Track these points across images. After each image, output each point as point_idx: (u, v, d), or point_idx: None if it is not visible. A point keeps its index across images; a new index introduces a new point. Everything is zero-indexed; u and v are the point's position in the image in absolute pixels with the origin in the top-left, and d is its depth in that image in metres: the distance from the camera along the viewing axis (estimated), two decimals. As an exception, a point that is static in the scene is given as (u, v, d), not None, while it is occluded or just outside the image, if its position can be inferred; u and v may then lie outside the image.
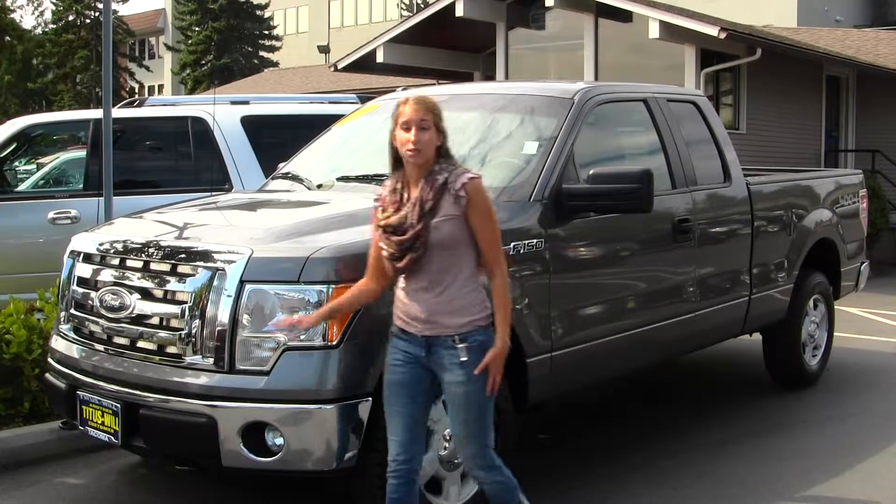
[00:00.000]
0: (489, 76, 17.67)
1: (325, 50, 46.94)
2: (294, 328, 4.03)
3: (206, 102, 8.75)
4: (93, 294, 4.74)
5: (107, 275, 4.71)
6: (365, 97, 8.93)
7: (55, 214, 7.98)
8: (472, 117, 5.80)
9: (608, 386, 6.73)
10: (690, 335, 6.24)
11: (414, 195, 3.75)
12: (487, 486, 3.92)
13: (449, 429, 4.37)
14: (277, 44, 54.04)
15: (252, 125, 8.62)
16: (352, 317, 4.10)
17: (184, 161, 8.58)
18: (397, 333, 3.89)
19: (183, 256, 4.44)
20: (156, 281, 4.50)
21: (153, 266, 4.52)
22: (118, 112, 8.28)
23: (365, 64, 18.08)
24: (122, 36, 54.47)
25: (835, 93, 18.44)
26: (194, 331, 4.27)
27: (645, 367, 6.41)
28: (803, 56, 16.34)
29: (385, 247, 3.76)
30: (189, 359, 4.30)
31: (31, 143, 9.59)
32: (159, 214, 5.36)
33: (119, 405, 4.45)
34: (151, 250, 4.58)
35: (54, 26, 56.25)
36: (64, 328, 5.01)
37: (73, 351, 4.86)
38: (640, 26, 14.69)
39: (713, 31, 13.66)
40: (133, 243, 4.73)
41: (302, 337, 4.12)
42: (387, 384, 3.90)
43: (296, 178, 5.98)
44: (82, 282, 4.87)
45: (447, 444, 4.41)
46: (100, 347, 4.70)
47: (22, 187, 9.77)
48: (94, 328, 4.73)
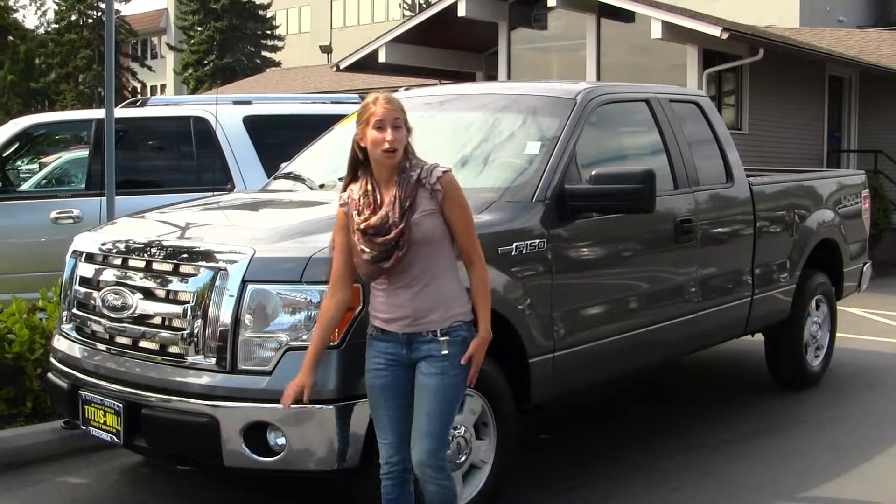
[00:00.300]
0: (491, 76, 17.66)
1: (328, 50, 46.99)
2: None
3: (209, 102, 8.74)
4: (95, 294, 4.74)
5: (109, 274, 4.71)
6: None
7: (57, 214, 7.98)
8: (475, 117, 5.81)
9: (609, 386, 6.73)
10: (693, 336, 6.24)
11: (390, 194, 3.74)
12: (433, 488, 3.81)
13: (451, 429, 4.38)
14: (280, 44, 54.09)
15: (254, 125, 8.62)
16: (353, 317, 4.09)
17: (186, 161, 8.59)
18: (376, 335, 3.86)
19: (185, 256, 4.44)
20: (158, 281, 4.50)
21: (155, 266, 4.52)
22: (120, 112, 8.28)
23: (367, 64, 18.08)
24: (125, 36, 54.57)
25: (837, 93, 18.43)
26: (196, 331, 4.27)
27: (647, 368, 6.41)
28: (806, 56, 16.33)
29: (367, 249, 3.73)
30: (191, 359, 4.30)
31: (34, 143, 9.60)
32: (161, 214, 5.36)
33: (121, 405, 4.45)
34: (154, 250, 4.58)
35: (57, 26, 56.35)
36: (66, 328, 5.01)
37: (76, 350, 4.87)
38: (643, 26, 14.69)
39: (715, 32, 13.65)
40: (135, 243, 4.73)
41: (304, 337, 4.12)
42: (370, 388, 3.89)
43: (298, 178, 5.98)
44: (84, 281, 4.88)
45: (449, 445, 4.40)
46: (102, 347, 4.71)
47: (24, 187, 9.78)
48: (97, 328, 4.73)
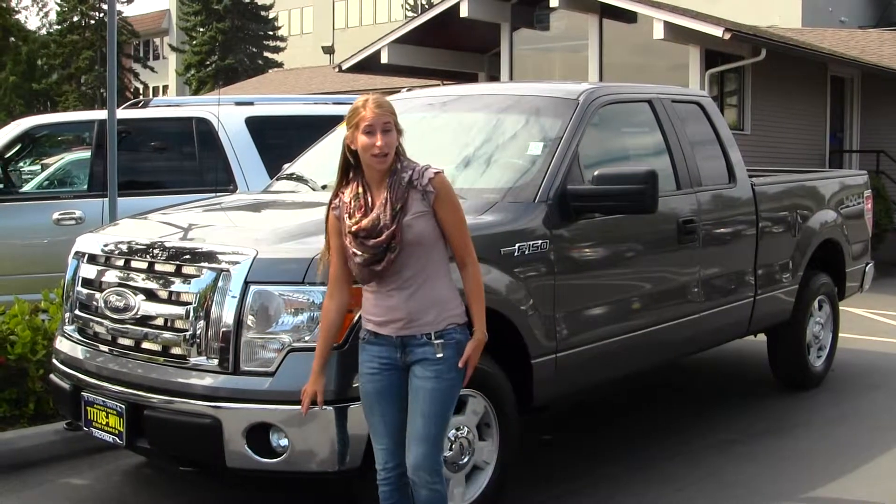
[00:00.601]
0: (494, 77, 17.66)
1: (330, 51, 46.95)
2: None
3: (211, 103, 8.75)
4: (97, 295, 4.74)
5: (111, 276, 4.72)
6: (369, 98, 8.91)
7: (60, 215, 7.98)
8: (477, 118, 5.81)
9: (610, 386, 6.72)
10: (695, 336, 6.24)
11: (381, 196, 3.72)
12: (426, 492, 3.78)
13: (453, 430, 4.38)
14: (282, 44, 54.10)
15: (256, 126, 8.62)
16: (356, 318, 4.09)
17: (188, 162, 8.58)
18: (369, 339, 3.84)
19: (187, 257, 4.45)
20: (160, 282, 4.51)
21: (158, 267, 4.53)
22: (123, 113, 8.29)
23: (369, 65, 18.09)
24: (127, 37, 54.58)
25: (839, 93, 18.41)
26: (199, 332, 4.28)
27: (650, 368, 6.41)
28: (808, 57, 16.33)
29: (359, 252, 3.71)
30: (194, 360, 4.30)
31: (36, 144, 9.61)
32: (164, 215, 5.36)
33: (123, 406, 4.45)
34: (156, 251, 4.58)
35: (59, 27, 56.40)
36: (68, 329, 5.02)
37: (78, 352, 4.87)
38: (645, 27, 14.68)
39: (717, 32, 13.65)
40: (138, 244, 4.73)
41: (307, 338, 4.12)
42: (364, 394, 3.87)
43: (300, 179, 5.98)
44: (87, 283, 4.88)
45: (452, 446, 4.41)
46: (104, 348, 4.71)
47: (27, 188, 9.80)
48: (99, 329, 4.74)
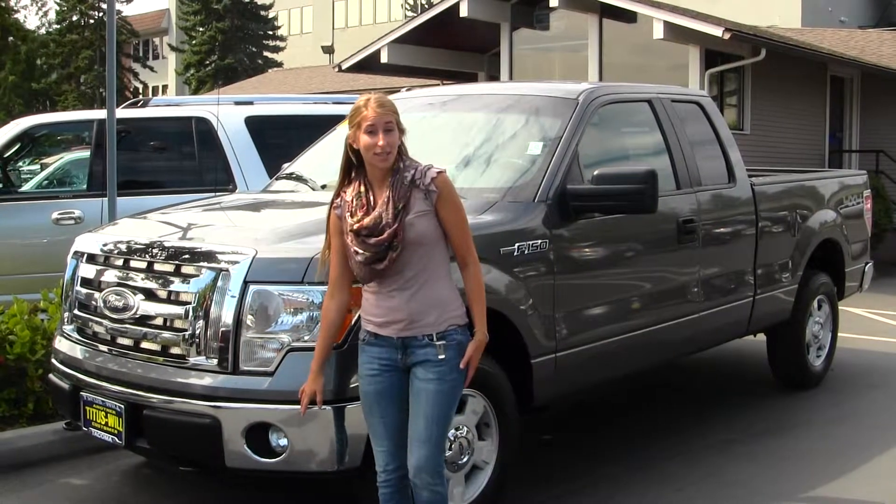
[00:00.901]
0: (493, 77, 17.66)
1: (330, 50, 46.97)
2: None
3: (210, 103, 8.74)
4: (96, 295, 4.74)
5: (110, 275, 4.71)
6: (369, 98, 8.91)
7: (59, 215, 7.98)
8: (477, 118, 5.80)
9: (610, 386, 6.72)
10: (695, 336, 6.24)
11: (383, 195, 3.71)
12: (427, 493, 3.77)
13: (453, 430, 4.38)
14: (282, 44, 54.10)
15: (256, 125, 8.62)
16: (355, 318, 4.09)
17: (188, 161, 8.58)
18: (369, 340, 3.82)
19: (187, 257, 4.44)
20: (159, 281, 4.50)
21: (157, 267, 4.52)
22: (122, 112, 8.29)
23: (369, 64, 18.08)
24: (126, 36, 54.62)
25: (839, 93, 18.42)
26: (198, 331, 4.27)
27: (650, 368, 6.41)
28: (808, 56, 16.33)
29: (360, 251, 3.70)
30: (193, 359, 4.30)
31: (35, 144, 9.60)
32: (163, 215, 5.36)
33: (123, 406, 4.45)
34: (155, 251, 4.58)
35: (58, 26, 56.41)
36: (67, 329, 5.01)
37: (77, 352, 4.87)
38: (645, 27, 14.68)
39: (717, 32, 13.65)
40: (137, 244, 4.73)
41: (306, 338, 4.12)
42: (365, 395, 3.85)
43: (300, 179, 5.98)
44: (86, 282, 4.87)
45: (451, 446, 4.40)
46: (103, 348, 4.70)
47: (26, 188, 9.79)
48: (98, 329, 4.73)
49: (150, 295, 4.51)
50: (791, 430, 6.52)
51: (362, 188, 3.77)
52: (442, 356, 3.71)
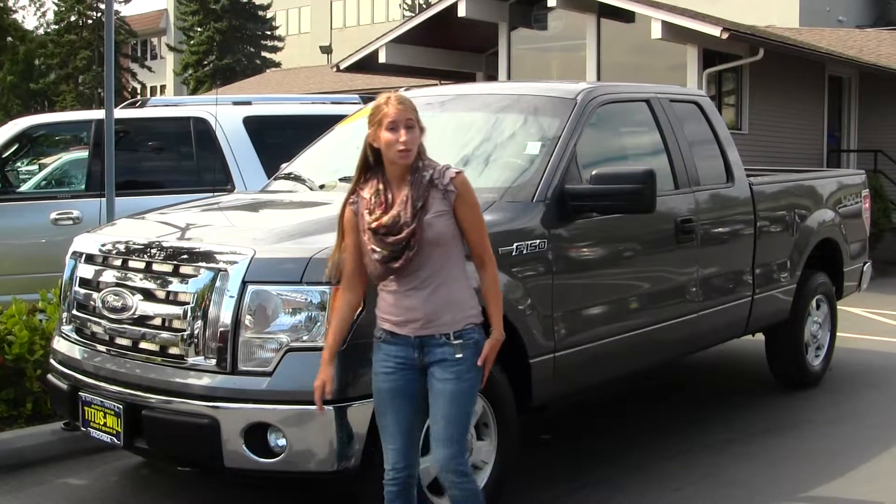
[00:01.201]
0: (491, 76, 17.66)
1: (328, 50, 47.00)
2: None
3: (209, 103, 8.74)
4: (95, 295, 4.74)
5: (109, 276, 4.71)
6: (367, 97, 8.93)
7: (57, 215, 7.97)
8: (475, 118, 5.80)
9: (609, 386, 6.72)
10: (693, 336, 6.23)
11: (402, 194, 3.71)
12: (457, 492, 3.79)
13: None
14: (280, 44, 54.11)
15: (254, 126, 8.62)
16: (355, 318, 4.08)
17: (186, 162, 8.58)
18: (385, 338, 3.82)
19: (185, 257, 4.44)
20: (158, 282, 4.50)
21: (155, 267, 4.52)
22: (120, 113, 8.28)
23: (367, 64, 18.09)
24: (125, 36, 54.62)
25: (837, 93, 18.44)
26: (196, 332, 4.27)
27: (648, 368, 6.41)
28: (806, 56, 16.34)
29: (378, 249, 3.70)
30: (191, 360, 4.29)
31: (34, 144, 9.59)
32: (161, 215, 5.36)
33: (121, 406, 4.44)
34: (154, 251, 4.58)
35: (56, 27, 56.43)
36: (66, 329, 5.01)
37: (76, 352, 4.86)
38: (643, 26, 14.69)
39: (715, 32, 13.65)
40: (135, 244, 4.72)
41: (305, 338, 4.12)
42: (378, 392, 3.85)
43: (298, 179, 5.97)
44: (84, 283, 4.87)
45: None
46: (102, 348, 4.70)
47: (24, 188, 9.77)
48: (97, 329, 4.73)
49: (149, 295, 4.51)
50: (790, 430, 6.52)
51: (380, 186, 3.77)
52: (459, 355, 3.72)
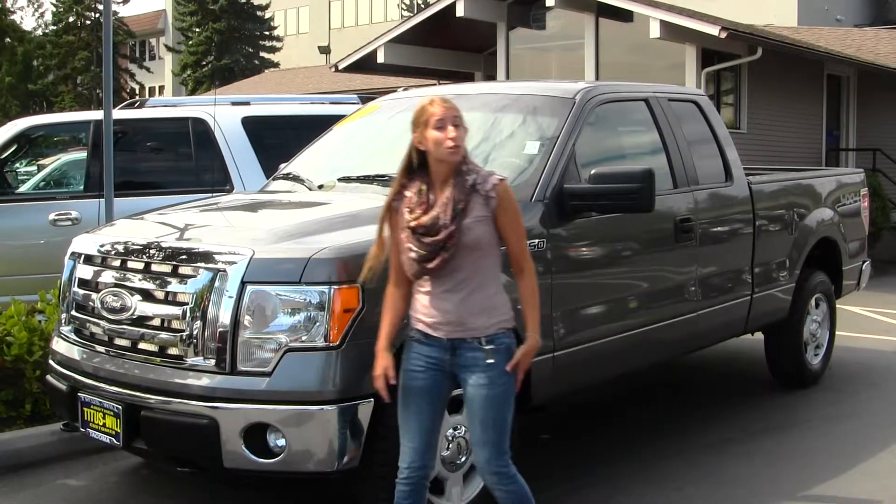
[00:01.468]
0: (490, 76, 17.67)
1: (326, 50, 46.95)
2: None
3: (207, 103, 8.74)
4: (94, 296, 4.73)
5: (108, 276, 4.70)
6: (366, 97, 8.93)
7: (56, 216, 7.97)
8: (474, 117, 5.76)
9: (609, 386, 6.72)
10: (692, 335, 6.23)
11: (444, 196, 3.71)
12: (500, 494, 3.82)
13: (451, 429, 4.38)
14: (278, 44, 54.05)
15: (253, 126, 8.62)
16: (353, 317, 4.09)
17: (185, 162, 8.58)
18: (419, 339, 3.81)
19: (184, 257, 4.44)
20: (157, 282, 4.50)
21: (154, 267, 4.51)
22: (119, 113, 8.28)
23: (366, 64, 18.10)
24: (123, 37, 54.52)
25: (835, 92, 18.44)
26: (195, 332, 4.27)
27: (648, 367, 6.40)
28: (804, 55, 16.34)
29: (415, 248, 3.70)
30: (190, 360, 4.29)
31: (32, 145, 9.60)
32: (160, 215, 5.35)
33: (120, 407, 4.44)
34: (152, 251, 4.57)
35: (55, 28, 56.36)
36: (65, 330, 5.00)
37: (75, 353, 4.86)
38: (641, 26, 14.69)
39: (714, 31, 13.66)
40: (134, 244, 4.72)
41: (304, 338, 4.12)
42: (404, 390, 3.83)
43: (297, 179, 5.97)
44: (83, 283, 4.87)
45: (449, 445, 4.41)
46: (101, 349, 4.70)
47: (23, 189, 9.79)
48: (96, 330, 4.73)
49: (148, 296, 4.51)
50: (789, 429, 6.52)
51: (423, 186, 3.77)
52: (491, 360, 3.72)
